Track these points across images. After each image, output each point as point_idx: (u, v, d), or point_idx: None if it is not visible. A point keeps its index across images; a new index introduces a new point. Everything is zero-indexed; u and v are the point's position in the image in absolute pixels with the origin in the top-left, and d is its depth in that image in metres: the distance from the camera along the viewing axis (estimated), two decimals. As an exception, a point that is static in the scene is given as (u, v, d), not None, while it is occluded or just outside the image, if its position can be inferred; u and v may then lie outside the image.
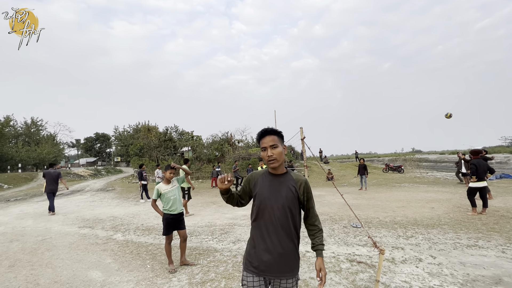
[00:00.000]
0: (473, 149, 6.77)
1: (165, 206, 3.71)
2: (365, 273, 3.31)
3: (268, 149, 1.55)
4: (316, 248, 1.63)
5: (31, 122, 40.61)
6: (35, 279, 3.53)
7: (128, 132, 42.83)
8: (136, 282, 3.32)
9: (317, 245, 1.63)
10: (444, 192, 10.10)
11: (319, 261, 1.58)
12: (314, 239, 1.66)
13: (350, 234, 5.03)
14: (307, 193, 1.61)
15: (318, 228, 1.67)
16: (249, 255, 1.61)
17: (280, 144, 1.59)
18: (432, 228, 5.27)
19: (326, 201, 9.04)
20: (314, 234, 1.67)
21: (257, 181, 1.65)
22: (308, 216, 1.68)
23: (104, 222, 6.95)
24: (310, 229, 1.69)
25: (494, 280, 3.04)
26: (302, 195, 1.60)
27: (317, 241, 1.64)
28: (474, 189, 6.34)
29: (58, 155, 39.43)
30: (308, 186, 1.63)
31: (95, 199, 12.12)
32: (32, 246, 5.04)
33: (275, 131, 1.60)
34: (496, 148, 33.70)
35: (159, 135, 25.51)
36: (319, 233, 1.66)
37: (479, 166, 6.27)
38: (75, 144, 63.02)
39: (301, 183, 1.60)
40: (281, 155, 1.57)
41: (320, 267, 1.57)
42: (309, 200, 1.63)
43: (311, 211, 1.66)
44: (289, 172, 1.66)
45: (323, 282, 1.55)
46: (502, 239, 4.43)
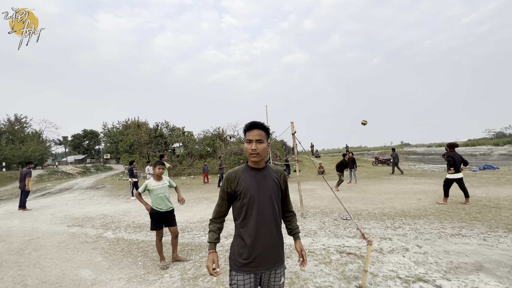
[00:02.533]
0: (449, 142, 7.06)
1: (154, 203, 3.69)
2: (354, 264, 3.40)
3: (253, 143, 1.55)
4: (293, 232, 1.78)
5: (14, 119, 39.12)
6: (23, 279, 3.46)
7: (117, 128, 41.94)
8: (127, 279, 3.30)
9: (294, 229, 1.78)
10: (431, 184, 10.41)
11: (298, 243, 1.75)
12: (290, 224, 1.79)
13: (340, 227, 5.14)
14: (285, 182, 1.72)
15: (293, 213, 1.82)
16: (239, 254, 1.56)
17: (266, 140, 1.61)
18: (419, 218, 5.44)
19: (317, 195, 9.17)
20: (291, 219, 1.80)
21: (240, 178, 1.61)
22: (284, 203, 1.76)
23: (94, 220, 6.84)
24: (286, 216, 1.80)
25: (475, 266, 3.18)
26: (283, 185, 1.70)
27: (293, 225, 1.79)
28: (451, 180, 6.62)
29: (44, 153, 38.21)
30: (285, 175, 1.76)
31: (84, 197, 11.88)
32: (19, 246, 4.92)
33: (263, 126, 1.61)
34: (480, 141, 34.86)
35: (149, 131, 25.07)
36: (294, 217, 1.81)
37: (455, 158, 6.60)
38: (62, 142, 61.26)
39: (280, 173, 1.72)
40: (264, 151, 1.59)
41: (300, 248, 1.73)
42: (286, 188, 1.75)
43: (287, 199, 1.77)
44: (268, 165, 1.71)
45: (305, 261, 1.69)
46: (484, 228, 4.62)
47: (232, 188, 1.61)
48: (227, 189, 1.62)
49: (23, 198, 8.98)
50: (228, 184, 1.62)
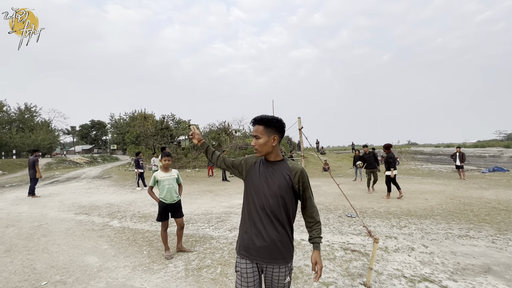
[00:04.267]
0: (386, 143, 7.95)
1: (161, 194, 3.71)
2: (359, 261, 3.38)
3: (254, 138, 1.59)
4: (313, 241, 1.60)
5: (24, 108, 39.83)
6: (31, 263, 3.54)
7: (124, 119, 42.30)
8: (132, 267, 3.35)
9: (314, 237, 1.59)
10: (438, 184, 10.25)
11: (315, 254, 1.56)
12: (311, 231, 1.61)
13: (344, 224, 5.10)
14: (302, 183, 1.55)
15: (315, 220, 1.61)
16: (242, 239, 1.60)
17: (265, 134, 1.55)
18: (425, 218, 5.37)
19: (322, 191, 9.13)
20: (312, 226, 1.61)
21: (252, 165, 1.65)
22: (305, 207, 1.62)
23: (100, 209, 6.95)
24: (307, 221, 1.64)
25: (483, 269, 3.12)
26: (297, 184, 1.54)
27: (314, 233, 1.60)
28: (392, 177, 7.66)
29: (53, 141, 38.95)
30: (304, 175, 1.56)
31: (91, 186, 12.08)
32: (28, 231, 5.04)
33: (262, 120, 1.56)
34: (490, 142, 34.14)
35: (155, 123, 25.23)
36: (317, 225, 1.61)
37: (394, 158, 7.73)
38: (71, 131, 62.26)
39: (296, 171, 1.55)
40: (262, 146, 1.55)
41: (316, 260, 1.55)
42: (306, 190, 1.58)
43: (308, 202, 1.61)
44: (286, 160, 1.61)
45: (318, 275, 1.54)
46: (493, 230, 4.53)
47: (243, 167, 1.68)
48: (241, 163, 1.70)
49: (32, 185, 9.18)
50: (244, 160, 1.70)
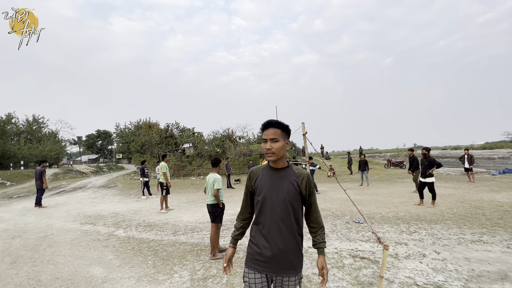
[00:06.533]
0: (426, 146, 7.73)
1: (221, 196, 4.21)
2: (368, 269, 3.28)
3: (268, 142, 1.52)
4: (317, 246, 1.60)
5: (32, 120, 40.65)
6: (37, 275, 3.52)
7: (129, 129, 42.85)
8: (137, 278, 3.30)
9: (319, 243, 1.59)
10: (447, 188, 10.03)
11: (321, 259, 1.56)
12: (315, 236, 1.62)
13: (352, 230, 4.99)
14: (309, 188, 1.56)
15: (319, 225, 1.62)
16: (251, 250, 1.58)
17: (282, 138, 1.54)
18: (436, 223, 5.22)
19: (328, 197, 9.00)
20: (316, 231, 1.62)
21: (258, 175, 1.63)
22: (309, 212, 1.62)
23: (106, 218, 6.95)
24: (311, 226, 1.64)
25: (499, 275, 2.99)
26: (304, 190, 1.55)
27: (318, 238, 1.60)
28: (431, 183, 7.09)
29: (60, 152, 39.52)
30: (310, 180, 1.57)
31: (97, 195, 12.14)
32: (34, 242, 5.04)
33: (279, 124, 1.55)
34: (498, 144, 33.51)
35: (160, 131, 25.47)
36: (321, 230, 1.62)
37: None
38: (77, 141, 63.16)
39: (303, 177, 1.55)
40: (280, 150, 1.52)
41: (322, 265, 1.54)
42: (311, 195, 1.58)
43: (312, 207, 1.61)
44: (291, 166, 1.60)
45: (325, 280, 1.53)
46: (507, 234, 4.38)
47: (251, 185, 1.65)
48: (249, 185, 1.67)
49: (39, 195, 9.26)
50: (249, 180, 1.67)
